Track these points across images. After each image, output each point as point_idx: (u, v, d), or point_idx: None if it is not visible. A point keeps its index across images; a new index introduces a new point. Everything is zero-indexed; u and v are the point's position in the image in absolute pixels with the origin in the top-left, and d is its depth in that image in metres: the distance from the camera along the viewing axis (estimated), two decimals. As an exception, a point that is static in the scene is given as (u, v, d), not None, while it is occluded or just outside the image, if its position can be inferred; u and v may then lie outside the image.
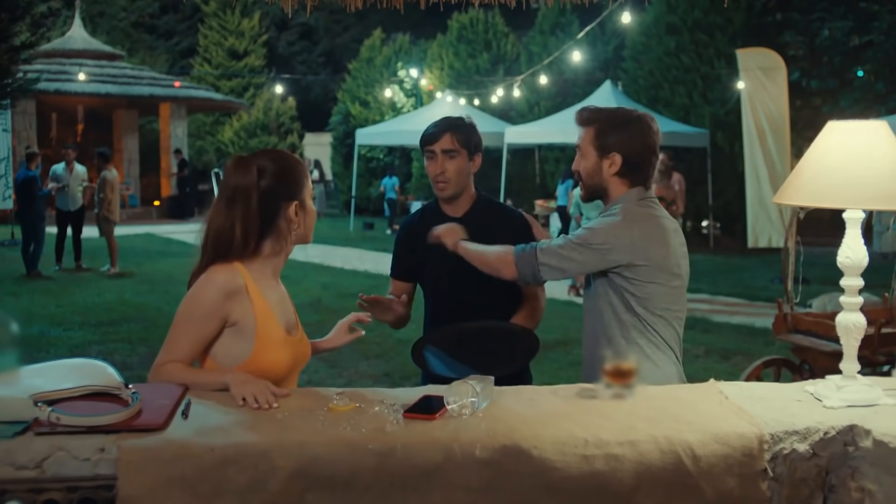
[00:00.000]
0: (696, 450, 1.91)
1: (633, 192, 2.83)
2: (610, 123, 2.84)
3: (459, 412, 2.00)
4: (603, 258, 2.68)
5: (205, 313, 2.35)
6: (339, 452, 1.83)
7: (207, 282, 2.36)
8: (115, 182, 13.36)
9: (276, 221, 2.42)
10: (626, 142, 2.81)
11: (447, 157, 3.08)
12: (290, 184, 2.44)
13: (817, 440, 1.95)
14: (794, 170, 2.15)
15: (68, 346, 8.31)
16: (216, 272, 2.37)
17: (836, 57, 18.98)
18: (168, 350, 2.39)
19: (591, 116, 2.88)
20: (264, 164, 2.42)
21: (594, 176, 2.87)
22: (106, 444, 1.81)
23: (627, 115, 2.89)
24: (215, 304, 2.34)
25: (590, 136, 2.86)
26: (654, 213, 2.79)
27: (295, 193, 2.44)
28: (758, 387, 2.30)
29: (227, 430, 1.89)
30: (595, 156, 2.85)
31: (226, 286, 2.35)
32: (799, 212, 5.69)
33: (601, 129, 2.84)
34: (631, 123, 2.84)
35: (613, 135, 2.82)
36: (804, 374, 5.71)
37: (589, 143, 2.86)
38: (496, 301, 3.08)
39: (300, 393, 2.20)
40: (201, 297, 2.36)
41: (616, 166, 2.82)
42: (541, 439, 1.88)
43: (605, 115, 2.88)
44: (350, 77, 28.33)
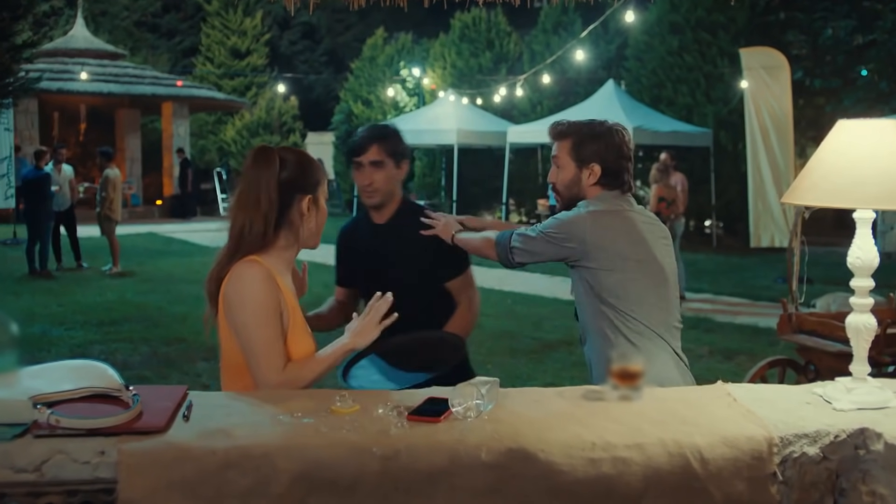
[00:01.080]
0: (705, 453, 1.88)
1: (609, 193, 2.90)
2: (586, 135, 2.90)
3: (464, 415, 1.97)
4: (560, 248, 2.78)
5: (270, 308, 2.33)
6: (343, 456, 1.80)
7: (253, 280, 2.33)
8: (117, 181, 13.36)
9: (289, 213, 2.42)
10: (603, 152, 2.88)
11: (374, 168, 3.13)
12: (307, 177, 2.46)
13: (827, 443, 1.92)
14: (803, 169, 2.12)
15: (70, 346, 8.29)
16: (252, 270, 2.35)
17: (839, 56, 18.93)
18: (267, 357, 2.29)
19: (567, 129, 2.94)
20: (285, 155, 2.45)
21: (572, 187, 2.93)
22: (106, 447, 1.79)
23: (601, 126, 2.94)
24: (273, 297, 2.34)
25: (567, 147, 2.92)
26: (620, 207, 2.85)
27: (309, 188, 2.46)
28: (766, 389, 2.27)
29: (229, 433, 1.86)
30: (574, 167, 2.91)
31: (267, 277, 2.35)
32: (804, 212, 5.66)
33: (578, 140, 2.90)
34: (605, 135, 2.90)
35: (591, 145, 2.88)
36: (809, 375, 5.68)
37: (567, 155, 2.92)
38: (429, 310, 3.14)
39: (302, 395, 2.17)
40: (259, 296, 2.33)
41: (595, 176, 2.89)
42: (547, 442, 1.85)
43: (580, 127, 2.93)
44: (352, 76, 28.31)
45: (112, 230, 13.29)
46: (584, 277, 2.80)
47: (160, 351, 8.18)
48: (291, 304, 2.40)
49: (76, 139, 25.26)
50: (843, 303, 8.31)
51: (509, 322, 9.86)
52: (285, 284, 2.42)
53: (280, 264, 2.44)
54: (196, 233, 20.44)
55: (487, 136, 20.50)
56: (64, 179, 13.53)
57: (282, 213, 2.41)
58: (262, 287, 2.33)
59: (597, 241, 2.74)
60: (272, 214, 2.39)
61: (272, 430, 1.88)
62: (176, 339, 8.67)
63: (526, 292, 12.18)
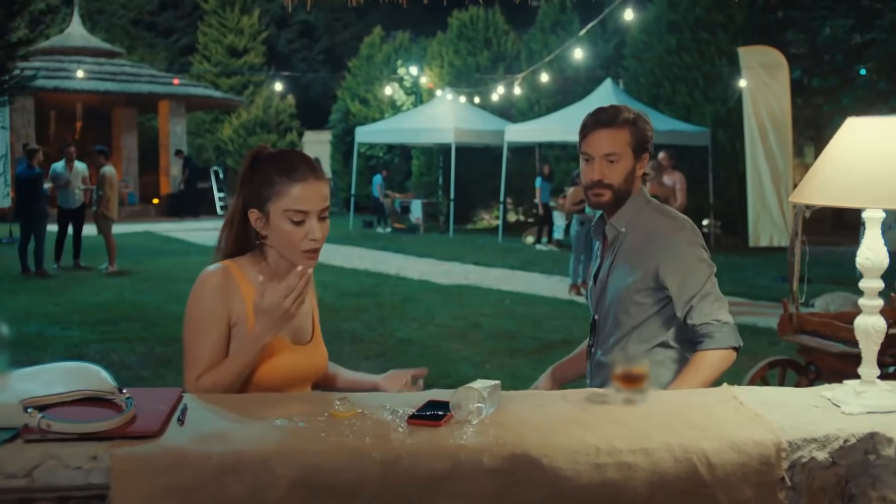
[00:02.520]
0: (712, 458, 1.84)
1: (643, 190, 2.82)
2: (643, 121, 2.76)
3: (466, 418, 1.93)
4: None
5: (208, 319, 2.26)
6: (342, 461, 1.76)
7: (200, 285, 2.29)
8: (113, 179, 13.31)
9: (246, 224, 2.34)
10: (650, 138, 2.79)
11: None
12: (257, 190, 2.28)
13: (837, 448, 1.88)
14: (811, 168, 2.08)
15: (66, 346, 8.24)
16: (206, 275, 2.30)
17: (837, 55, 18.94)
18: (191, 366, 2.25)
19: (628, 116, 2.75)
20: (262, 160, 2.32)
21: (629, 181, 2.76)
22: (98, 452, 1.74)
23: (638, 111, 2.81)
24: (212, 309, 2.26)
25: (626, 137, 2.72)
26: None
27: (257, 202, 2.28)
28: (773, 392, 2.22)
29: (225, 437, 1.82)
30: (632, 159, 2.74)
31: (217, 287, 2.27)
32: (804, 211, 5.62)
33: (640, 128, 2.74)
34: (642, 115, 2.80)
35: (646, 131, 2.76)
36: (810, 375, 5.65)
37: (627, 146, 2.73)
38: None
39: (301, 398, 2.12)
40: (199, 304, 2.28)
41: (644, 166, 2.78)
42: (551, 447, 1.81)
43: (636, 113, 2.77)
44: (350, 75, 28.28)
45: (109, 229, 13.24)
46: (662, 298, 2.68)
47: (157, 350, 8.14)
48: (252, 315, 2.25)
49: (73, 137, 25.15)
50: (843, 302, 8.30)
51: (508, 322, 9.82)
52: (253, 291, 2.27)
53: (256, 270, 2.32)
54: (193, 232, 20.40)
55: (485, 134, 20.46)
56: (76, 177, 13.47)
57: (246, 223, 2.33)
58: (206, 297, 2.27)
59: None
60: (234, 221, 2.35)
61: (270, 435, 1.84)
62: (173, 338, 8.61)
63: (525, 292, 12.13)
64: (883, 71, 17.72)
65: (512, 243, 18.81)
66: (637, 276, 2.67)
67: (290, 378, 2.27)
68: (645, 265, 2.67)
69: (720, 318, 2.60)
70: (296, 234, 2.25)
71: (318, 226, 2.27)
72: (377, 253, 16.60)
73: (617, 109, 2.77)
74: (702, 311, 2.60)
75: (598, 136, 2.73)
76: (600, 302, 2.81)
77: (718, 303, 2.62)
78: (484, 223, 24.08)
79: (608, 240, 2.80)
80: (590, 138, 2.75)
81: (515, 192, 22.22)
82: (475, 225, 23.90)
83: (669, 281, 2.62)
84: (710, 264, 2.66)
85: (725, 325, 2.60)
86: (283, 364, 2.27)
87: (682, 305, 2.61)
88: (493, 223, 22.88)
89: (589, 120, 2.78)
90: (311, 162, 2.33)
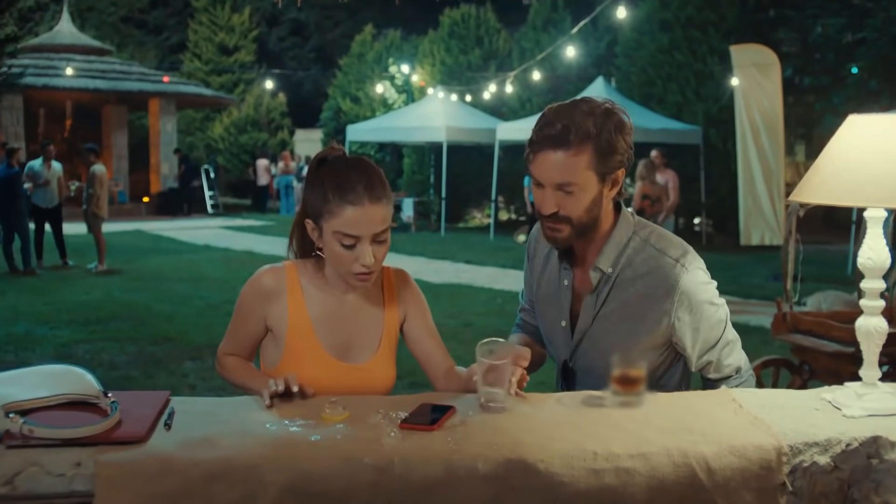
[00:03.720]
0: (711, 463, 1.80)
1: (626, 214, 2.32)
2: (612, 127, 2.13)
3: (487, 404, 1.97)
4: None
5: (243, 312, 2.29)
6: (333, 467, 1.71)
7: (252, 279, 2.28)
8: (103, 177, 13.24)
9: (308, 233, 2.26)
10: (625, 148, 2.17)
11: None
12: (314, 200, 2.17)
13: (839, 452, 1.84)
14: (812, 166, 2.04)
15: (55, 346, 8.17)
16: (261, 272, 2.27)
17: (829, 54, 18.96)
18: (225, 342, 2.34)
19: (587, 129, 2.11)
20: (324, 168, 2.19)
21: (594, 209, 2.20)
22: (82, 459, 1.69)
23: (607, 110, 2.16)
24: (251, 305, 2.26)
25: (585, 160, 2.12)
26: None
27: (313, 213, 2.17)
28: (772, 394, 2.18)
29: (214, 443, 1.77)
30: (597, 184, 2.16)
31: (263, 288, 2.24)
32: (798, 210, 5.59)
33: (606, 140, 2.13)
34: (616, 114, 2.16)
35: (616, 143, 2.14)
36: (804, 375, 5.62)
37: (587, 170, 2.13)
38: None
39: (290, 401, 2.07)
40: (242, 295, 2.29)
41: (618, 185, 2.22)
42: (547, 452, 1.77)
43: (600, 117, 2.13)
44: (341, 73, 28.21)
45: (99, 227, 13.17)
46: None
47: (147, 350, 8.07)
48: (298, 324, 2.21)
49: (62, 136, 25.06)
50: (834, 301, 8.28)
51: (500, 321, 9.77)
52: (313, 302, 2.23)
53: (317, 276, 2.26)
54: (184, 230, 20.32)
55: (477, 133, 20.42)
56: (53, 176, 13.39)
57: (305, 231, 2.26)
58: (245, 291, 2.27)
59: None
60: (296, 226, 2.31)
61: (259, 440, 1.79)
62: (163, 338, 8.56)
63: (516, 290, 12.03)
64: (874, 69, 17.74)
65: (504, 242, 18.77)
66: (640, 332, 2.24)
67: (321, 392, 2.11)
68: (651, 321, 2.23)
69: (739, 365, 2.32)
70: (346, 256, 2.13)
71: (370, 250, 2.12)
72: (368, 251, 16.52)
73: (572, 120, 2.12)
74: (720, 365, 2.30)
75: (545, 158, 2.14)
76: (580, 352, 2.35)
77: (734, 347, 2.31)
78: (475, 222, 24.04)
79: (588, 280, 2.29)
80: (538, 160, 2.16)
81: (507, 190, 22.18)
82: (467, 223, 23.86)
83: (685, 339, 2.24)
84: (724, 306, 2.28)
85: (743, 371, 2.33)
86: (320, 380, 2.15)
87: (697, 360, 2.29)
88: (485, 222, 22.83)
89: (535, 134, 2.17)
90: (371, 179, 2.13)
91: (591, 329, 2.31)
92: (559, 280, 2.38)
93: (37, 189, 13.28)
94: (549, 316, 2.43)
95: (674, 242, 2.28)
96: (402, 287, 2.35)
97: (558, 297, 2.38)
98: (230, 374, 2.30)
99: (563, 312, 2.37)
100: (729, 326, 2.29)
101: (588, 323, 2.31)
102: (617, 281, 2.26)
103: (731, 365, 2.30)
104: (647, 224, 2.33)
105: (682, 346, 2.26)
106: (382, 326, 2.29)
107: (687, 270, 2.21)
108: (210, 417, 1.93)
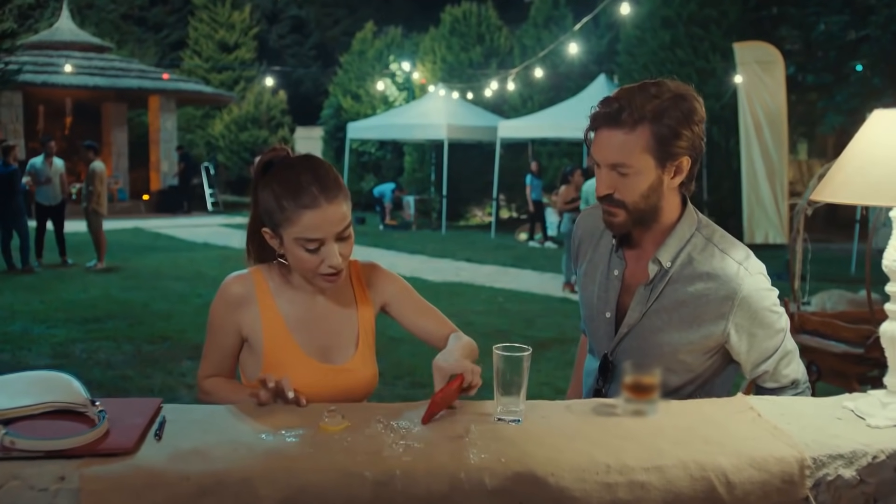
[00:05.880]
0: (731, 476, 1.70)
1: (692, 209, 2.21)
2: (674, 111, 2.03)
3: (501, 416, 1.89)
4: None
5: (215, 326, 2.21)
6: (331, 480, 1.62)
7: (219, 291, 2.20)
8: (103, 175, 13.15)
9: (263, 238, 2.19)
10: (691, 137, 2.07)
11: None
12: (264, 206, 2.11)
13: (864, 465, 1.75)
14: (834, 164, 1.95)
15: (51, 345, 8.08)
16: (227, 282, 2.20)
17: (831, 51, 18.83)
18: (203, 364, 2.25)
19: (646, 110, 2.02)
20: (277, 170, 2.12)
21: (651, 196, 2.09)
22: (67, 472, 1.59)
23: (678, 95, 2.06)
24: (222, 317, 2.18)
25: (642, 141, 2.03)
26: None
27: (267, 220, 2.12)
28: (791, 402, 2.09)
29: (205, 454, 1.67)
30: (654, 167, 2.06)
31: (232, 296, 2.17)
32: (806, 208, 5.50)
33: (668, 123, 2.02)
34: (686, 100, 2.06)
35: (678, 129, 2.04)
36: (811, 376, 5.53)
37: (644, 153, 2.04)
38: None
39: (286, 410, 1.98)
40: (212, 309, 2.21)
41: (682, 174, 2.11)
42: (557, 465, 1.67)
43: (663, 99, 2.04)
44: (341, 70, 28.11)
45: (99, 225, 13.08)
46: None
47: (144, 349, 7.98)
48: (273, 329, 2.14)
49: (62, 133, 24.93)
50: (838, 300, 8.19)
51: (500, 320, 9.69)
52: (284, 306, 2.17)
53: (285, 279, 2.20)
54: (183, 228, 20.23)
55: (478, 130, 20.32)
56: (55, 173, 13.29)
57: (258, 235, 2.20)
58: (219, 305, 2.19)
59: None
60: (252, 235, 2.24)
61: (253, 452, 1.69)
62: (160, 337, 8.47)
63: (517, 289, 12.01)
64: (877, 67, 17.64)
65: (504, 240, 18.68)
66: (694, 334, 2.13)
67: (308, 396, 2.02)
68: (708, 324, 2.12)
69: (797, 377, 2.20)
70: (311, 261, 2.07)
71: (336, 248, 2.07)
72: (368, 250, 16.43)
73: (631, 98, 2.04)
74: (777, 375, 2.18)
75: (602, 137, 2.08)
76: (623, 346, 2.23)
77: (792, 357, 2.19)
78: (476, 220, 23.94)
79: (644, 270, 2.19)
80: (596, 138, 2.11)
81: (508, 188, 22.09)
82: (467, 221, 23.76)
83: (741, 346, 2.14)
84: (784, 316, 2.17)
85: (801, 384, 2.22)
86: (305, 384, 2.07)
87: (754, 370, 2.18)
88: (486, 220, 22.74)
89: (595, 111, 2.11)
90: (323, 178, 2.07)
91: (639, 324, 2.19)
92: (608, 269, 2.28)
93: (39, 187, 13.19)
94: (593, 305, 2.33)
95: (737, 245, 2.18)
96: (373, 279, 2.30)
97: (605, 287, 2.28)
98: (215, 396, 2.17)
99: (610, 304, 2.26)
100: (788, 336, 2.19)
101: (637, 318, 2.19)
102: (674, 277, 2.16)
103: (789, 376, 2.19)
104: (711, 223, 2.23)
105: (737, 352, 2.16)
106: (357, 324, 2.24)
107: (750, 275, 2.11)
108: (203, 427, 1.84)
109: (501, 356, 1.92)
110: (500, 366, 1.91)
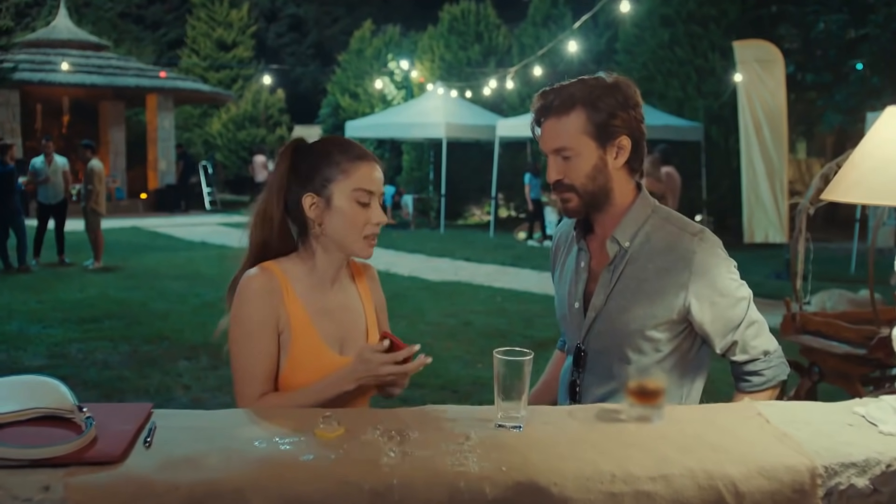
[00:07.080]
0: (740, 485, 1.65)
1: (646, 194, 2.27)
2: (601, 95, 2.14)
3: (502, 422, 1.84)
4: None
5: (256, 329, 2.10)
6: (326, 490, 1.56)
7: (244, 292, 2.11)
8: (101, 173, 13.08)
9: (300, 215, 2.16)
10: (627, 118, 2.16)
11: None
12: (313, 173, 2.13)
13: (878, 473, 1.69)
14: (846, 163, 1.89)
15: (47, 344, 8.01)
16: (248, 279, 2.13)
17: (831, 50, 18.79)
18: (247, 382, 2.10)
19: (571, 94, 2.15)
20: (304, 148, 2.20)
21: (597, 177, 2.18)
22: (51, 482, 1.53)
23: (608, 80, 2.19)
24: (263, 313, 2.10)
25: (579, 123, 2.15)
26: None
27: (314, 185, 2.13)
28: (800, 407, 2.03)
29: (196, 463, 1.61)
30: (594, 148, 2.16)
31: (264, 290, 2.11)
32: (808, 207, 5.44)
33: (600, 106, 2.14)
34: (620, 88, 2.17)
35: (612, 109, 2.14)
36: (813, 377, 5.47)
37: (583, 134, 2.15)
38: None
39: (280, 416, 1.92)
40: (245, 312, 2.10)
41: (625, 153, 2.18)
42: (561, 474, 1.61)
43: (585, 86, 2.16)
44: (340, 69, 28.05)
45: (98, 224, 13.01)
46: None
47: (141, 349, 7.92)
48: (299, 322, 2.12)
49: (59, 131, 24.84)
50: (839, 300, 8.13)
51: (500, 320, 9.63)
52: (306, 299, 2.15)
53: (303, 272, 2.17)
54: (181, 227, 20.16)
55: (476, 129, 20.25)
56: (56, 171, 13.22)
57: (294, 216, 2.18)
58: (252, 303, 2.10)
59: None
60: (276, 217, 2.17)
61: (246, 460, 1.63)
62: (158, 336, 8.41)
63: (516, 288, 11.95)
64: (876, 66, 17.59)
65: (503, 239, 18.62)
66: (657, 308, 2.16)
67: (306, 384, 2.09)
68: (669, 296, 2.14)
69: (767, 348, 2.21)
70: (361, 216, 2.12)
71: (380, 210, 2.16)
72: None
73: (564, 87, 2.19)
74: (746, 346, 2.19)
75: (544, 126, 2.23)
76: (593, 332, 2.26)
77: (761, 328, 2.20)
78: (475, 219, 23.88)
79: (606, 255, 2.24)
80: (540, 130, 2.25)
81: (507, 187, 22.03)
82: (466, 220, 23.70)
83: (703, 315, 2.15)
84: (745, 286, 2.21)
85: (773, 355, 2.23)
86: (321, 372, 2.10)
87: (721, 341, 2.18)
88: (485, 219, 22.68)
89: (534, 104, 2.26)
90: (361, 147, 2.22)
91: (605, 307, 2.23)
92: (577, 264, 2.34)
93: (40, 186, 13.13)
94: (565, 301, 2.38)
95: (696, 226, 2.23)
96: (369, 279, 2.36)
97: (575, 281, 2.34)
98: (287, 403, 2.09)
99: (579, 294, 2.31)
100: (753, 307, 2.21)
101: (602, 300, 2.24)
102: (633, 256, 2.21)
103: (758, 347, 2.20)
104: (666, 208, 2.29)
105: (700, 323, 2.17)
106: (365, 317, 2.27)
107: (703, 242, 2.17)
108: (194, 433, 1.78)
109: (502, 360, 1.86)
110: (500, 370, 1.85)
